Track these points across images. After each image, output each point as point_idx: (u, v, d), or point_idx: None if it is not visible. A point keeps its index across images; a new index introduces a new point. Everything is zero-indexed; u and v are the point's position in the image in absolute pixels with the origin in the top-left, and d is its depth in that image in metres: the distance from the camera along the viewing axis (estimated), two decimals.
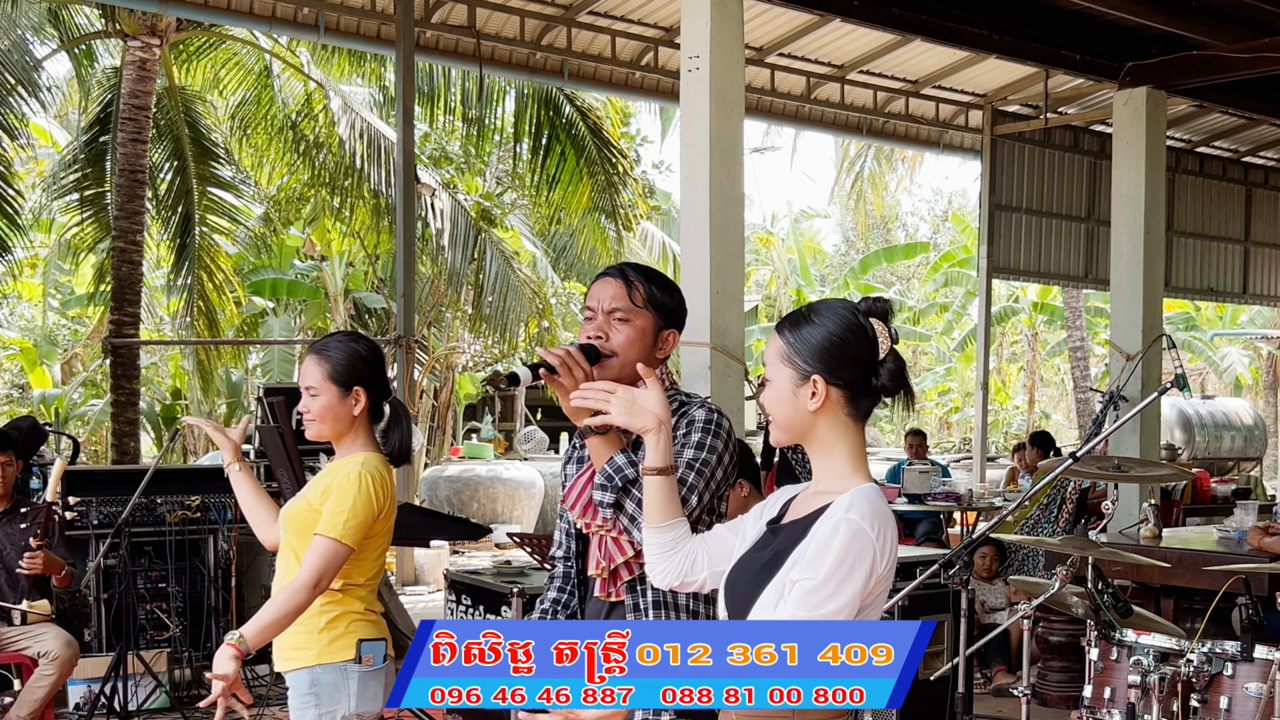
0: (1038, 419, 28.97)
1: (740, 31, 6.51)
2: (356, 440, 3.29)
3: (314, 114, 12.99)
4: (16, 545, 5.63)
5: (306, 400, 3.27)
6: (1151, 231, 9.40)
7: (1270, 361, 28.73)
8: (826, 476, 2.24)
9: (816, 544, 2.11)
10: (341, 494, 3.16)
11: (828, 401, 2.20)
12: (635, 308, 2.80)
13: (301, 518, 3.25)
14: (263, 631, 3.06)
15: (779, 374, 2.23)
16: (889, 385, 2.22)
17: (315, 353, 3.30)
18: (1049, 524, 8.74)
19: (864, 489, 2.17)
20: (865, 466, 2.25)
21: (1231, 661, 4.14)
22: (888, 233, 33.40)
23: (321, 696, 3.21)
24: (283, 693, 6.99)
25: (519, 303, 14.15)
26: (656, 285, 2.85)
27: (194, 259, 12.24)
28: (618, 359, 2.79)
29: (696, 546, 2.42)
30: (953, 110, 12.41)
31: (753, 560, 2.27)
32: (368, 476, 3.19)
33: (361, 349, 3.32)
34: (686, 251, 6.52)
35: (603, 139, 13.01)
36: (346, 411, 3.25)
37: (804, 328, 2.22)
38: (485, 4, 9.43)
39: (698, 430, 2.74)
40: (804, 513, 2.23)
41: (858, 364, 2.20)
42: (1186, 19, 8.57)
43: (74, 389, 18.78)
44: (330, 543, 3.13)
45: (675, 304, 2.87)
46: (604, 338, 2.81)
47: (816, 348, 2.20)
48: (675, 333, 2.86)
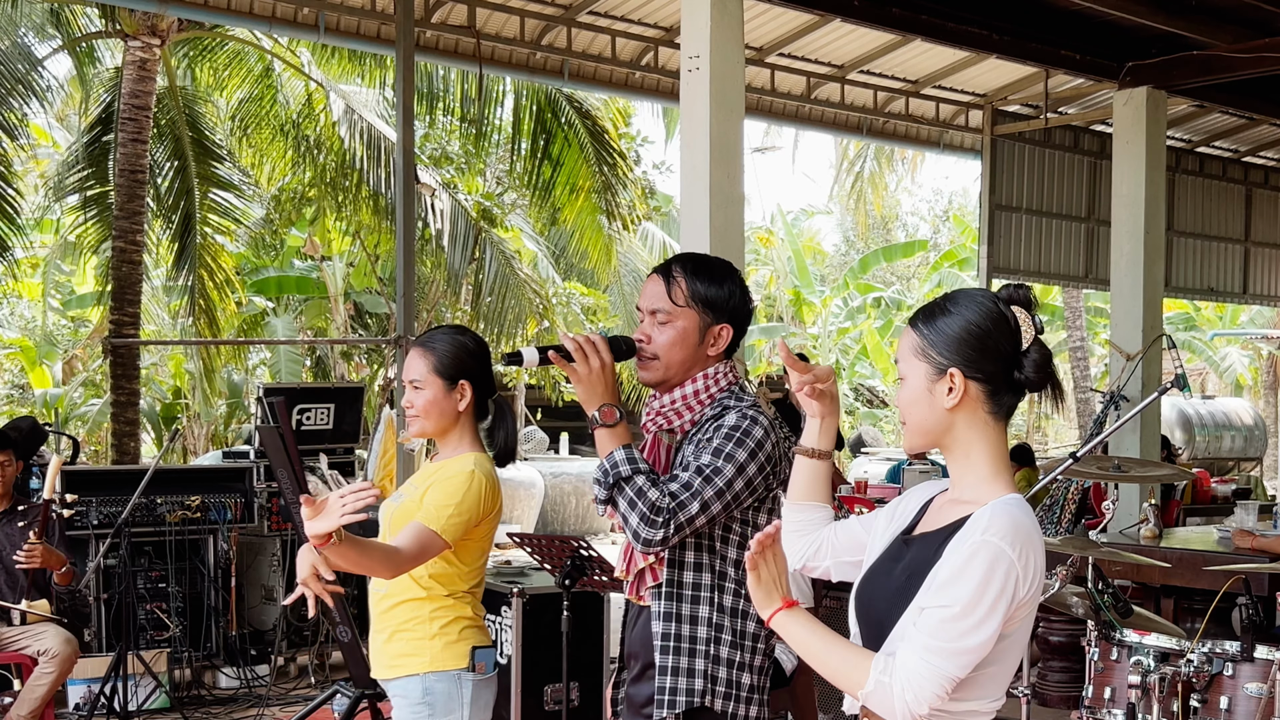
0: (1037, 419, 28.98)
1: (740, 31, 6.51)
2: (464, 439, 3.17)
3: (315, 114, 12.99)
4: (16, 545, 5.62)
5: (410, 394, 3.14)
6: (1151, 231, 9.40)
7: (1270, 361, 28.72)
8: (965, 481, 2.07)
9: (952, 566, 1.94)
10: (450, 489, 3.02)
11: (966, 397, 2.04)
12: (677, 307, 2.73)
13: (409, 516, 3.05)
14: (349, 551, 2.73)
15: (913, 370, 2.07)
16: (1033, 378, 2.05)
17: (420, 345, 3.16)
18: (1051, 525, 8.75)
19: (1006, 501, 1.99)
20: (1008, 471, 2.08)
21: (1232, 661, 4.14)
22: (888, 232, 33.40)
23: (436, 705, 3.05)
24: (284, 693, 7.00)
25: (518, 303, 14.15)
26: (704, 280, 2.75)
27: (195, 258, 12.25)
28: (660, 360, 2.74)
29: (825, 534, 2.35)
30: (953, 110, 12.41)
31: (884, 573, 2.12)
32: (482, 477, 3.07)
33: (468, 341, 3.19)
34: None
35: (602, 140, 13.01)
36: (452, 406, 3.12)
37: (940, 319, 2.06)
38: (485, 4, 9.43)
39: (720, 436, 2.66)
40: (940, 524, 2.07)
41: (999, 356, 2.04)
42: (1186, 19, 8.57)
43: (74, 389, 18.79)
44: (429, 532, 2.95)
45: (726, 297, 2.76)
46: (646, 340, 2.75)
47: (954, 339, 2.04)
48: (728, 327, 2.75)
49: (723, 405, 2.73)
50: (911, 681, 1.93)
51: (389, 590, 3.13)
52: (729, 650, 2.69)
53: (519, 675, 5.31)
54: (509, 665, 5.35)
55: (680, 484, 2.61)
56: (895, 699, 1.94)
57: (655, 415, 2.78)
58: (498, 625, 5.47)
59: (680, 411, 2.74)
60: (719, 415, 2.71)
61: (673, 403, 2.75)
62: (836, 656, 2.02)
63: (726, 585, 2.70)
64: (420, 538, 2.96)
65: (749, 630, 2.72)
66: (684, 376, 2.74)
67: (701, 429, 2.71)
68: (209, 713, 6.87)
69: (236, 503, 7.42)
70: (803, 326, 26.87)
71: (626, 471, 2.59)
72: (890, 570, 2.11)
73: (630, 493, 2.59)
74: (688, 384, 2.74)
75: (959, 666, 1.93)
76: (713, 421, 2.70)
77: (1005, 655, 2.02)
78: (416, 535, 2.96)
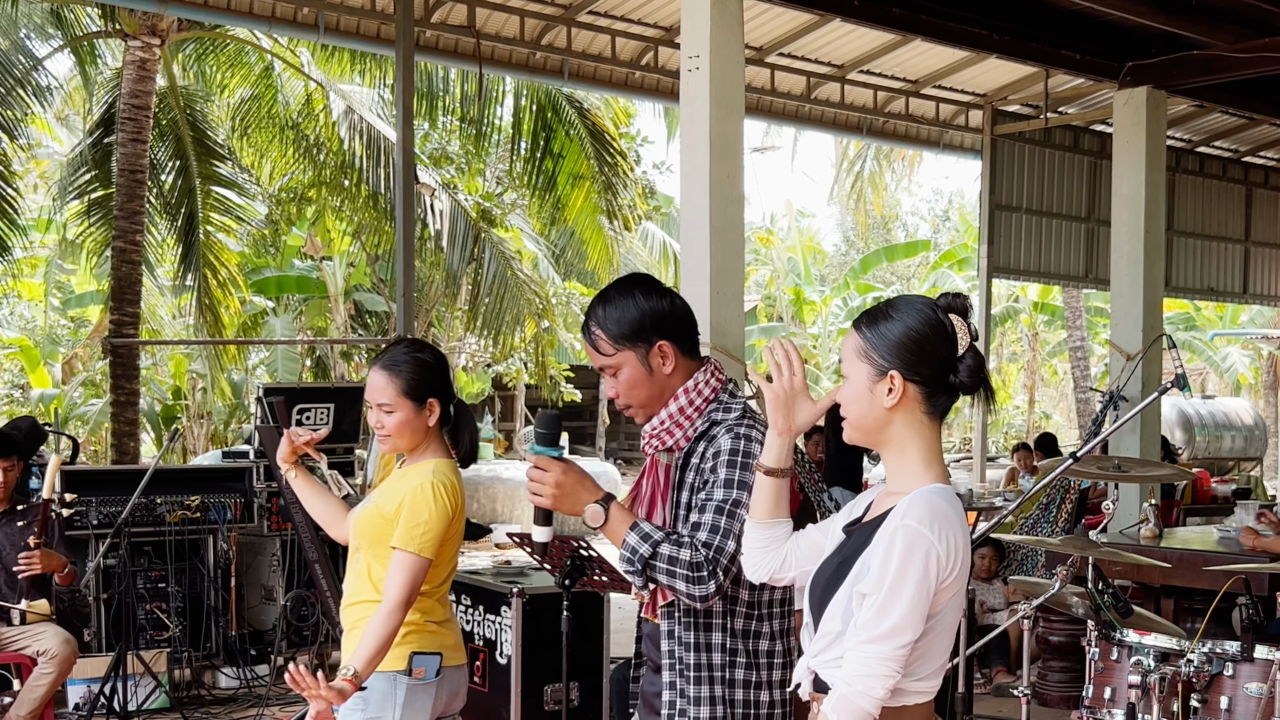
0: (1038, 419, 28.98)
1: (740, 31, 6.51)
2: (429, 447, 3.28)
3: (314, 114, 12.99)
4: (16, 545, 5.62)
5: (379, 416, 3.23)
6: (1151, 231, 9.40)
7: (1270, 361, 28.72)
8: (900, 475, 2.21)
9: (878, 556, 2.08)
10: (416, 507, 3.15)
11: (905, 398, 2.17)
12: (611, 354, 2.71)
13: (373, 526, 3.23)
14: (370, 661, 3.05)
15: (855, 370, 2.20)
16: (967, 382, 2.18)
17: (385, 369, 3.23)
18: (1049, 524, 8.74)
19: (927, 489, 2.13)
20: (939, 465, 2.21)
21: (1232, 661, 4.13)
22: (888, 232, 33.40)
23: (369, 702, 3.17)
24: (283, 692, 7.00)
25: (516, 304, 14.15)
26: (613, 317, 2.69)
27: (199, 257, 12.25)
28: (634, 405, 2.75)
29: (789, 547, 2.42)
30: (953, 110, 12.41)
31: (828, 565, 2.26)
32: (440, 486, 3.18)
33: (429, 359, 3.29)
34: (686, 251, 6.52)
35: (602, 140, 13.01)
36: (422, 424, 3.24)
37: (882, 323, 2.19)
38: (485, 4, 9.43)
39: (724, 465, 2.62)
40: (875, 514, 2.21)
41: (936, 360, 2.17)
42: (1186, 19, 8.56)
43: (74, 389, 18.79)
44: (410, 556, 3.12)
45: (639, 317, 2.70)
46: (616, 396, 2.77)
47: (895, 343, 2.16)
48: (663, 343, 2.71)
49: (710, 419, 2.71)
50: (858, 676, 2.06)
51: (352, 590, 3.28)
52: (744, 672, 2.69)
53: (519, 675, 5.31)
54: (509, 665, 5.35)
55: (706, 530, 2.59)
56: (854, 701, 2.07)
57: (650, 438, 2.78)
58: (498, 625, 5.47)
59: (671, 430, 2.73)
60: (709, 434, 2.69)
61: (662, 424, 2.73)
62: None
63: (738, 610, 2.68)
64: (399, 566, 3.13)
65: (762, 649, 2.71)
66: (664, 401, 2.73)
67: (700, 455, 2.69)
68: (209, 713, 6.86)
69: (236, 503, 7.42)
70: (803, 326, 26.88)
71: (647, 551, 2.57)
72: (832, 560, 2.25)
73: (663, 566, 2.57)
74: (671, 403, 2.72)
75: (895, 647, 2.05)
76: (706, 443, 2.68)
77: (933, 635, 2.12)
78: (396, 565, 3.13)
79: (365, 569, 3.25)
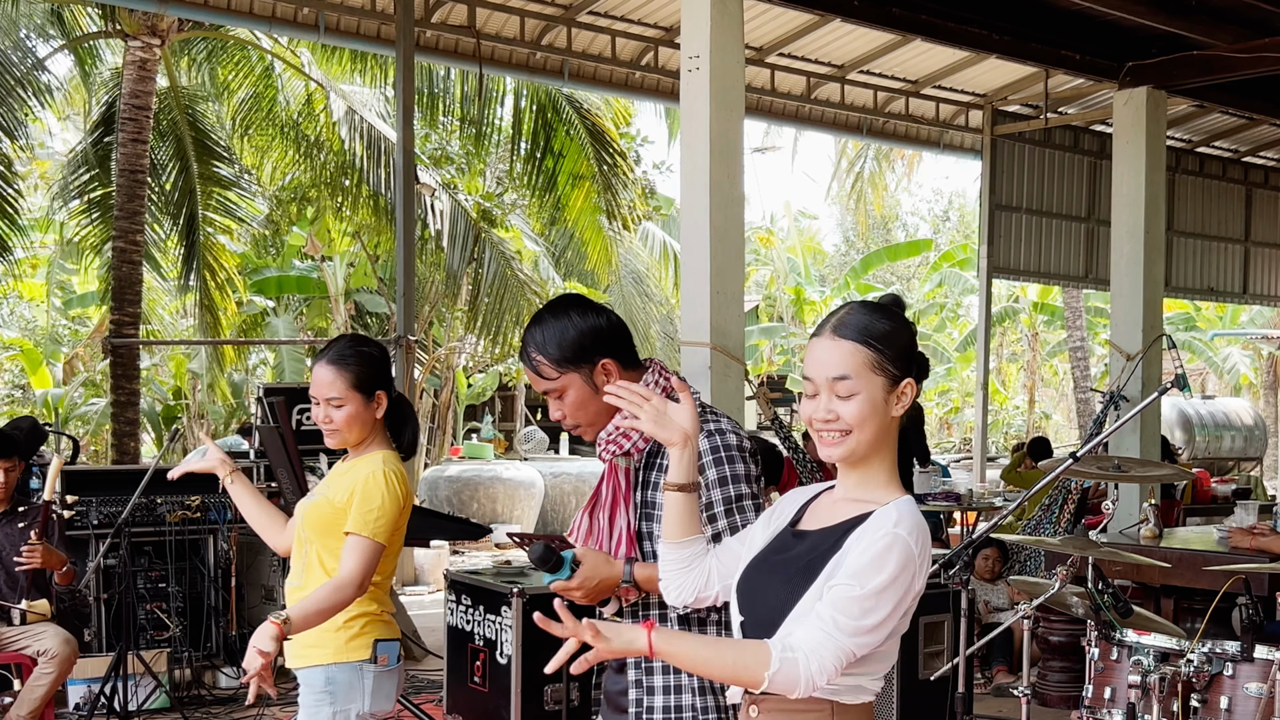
0: (1038, 419, 28.98)
1: (740, 31, 6.51)
2: (375, 440, 3.34)
3: (315, 114, 12.99)
4: (16, 545, 5.62)
5: (327, 411, 3.27)
6: (1151, 231, 9.40)
7: (1270, 361, 28.72)
8: (872, 484, 2.19)
9: (868, 555, 2.07)
10: (368, 493, 3.21)
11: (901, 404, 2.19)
12: (555, 378, 2.68)
13: (322, 514, 3.28)
14: (306, 619, 3.10)
15: (869, 384, 2.14)
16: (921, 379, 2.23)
17: (332, 363, 3.27)
18: (1050, 524, 8.74)
19: (906, 502, 2.15)
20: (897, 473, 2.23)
21: (1232, 661, 4.13)
22: (888, 232, 33.40)
23: (337, 695, 3.25)
24: (284, 692, 7.00)
25: (516, 304, 14.14)
26: (552, 341, 2.65)
27: (200, 258, 12.25)
28: (583, 424, 2.72)
29: (709, 563, 2.39)
30: (953, 110, 12.41)
31: (774, 563, 2.21)
32: (391, 474, 3.26)
33: (374, 351, 3.35)
34: (686, 251, 6.52)
35: (602, 140, 13.01)
36: (371, 416, 3.30)
37: (886, 333, 2.15)
38: (485, 4, 9.43)
39: (711, 466, 2.62)
40: (837, 519, 2.18)
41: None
42: (1186, 19, 8.56)
43: (74, 389, 18.79)
44: (365, 541, 3.18)
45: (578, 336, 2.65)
46: (563, 417, 2.74)
47: (904, 350, 2.17)
48: (605, 360, 2.68)
49: None
50: (815, 652, 2.05)
51: (302, 583, 3.32)
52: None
53: (519, 675, 5.31)
54: (509, 665, 5.35)
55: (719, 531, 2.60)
56: (800, 669, 2.04)
57: (606, 444, 2.73)
58: (498, 625, 5.48)
59: (627, 433, 2.69)
60: None
61: (610, 436, 2.71)
62: (730, 653, 2.11)
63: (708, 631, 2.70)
64: (355, 549, 3.18)
65: None
66: (610, 415, 2.69)
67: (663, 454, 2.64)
68: (209, 713, 6.87)
69: None
70: (803, 326, 26.86)
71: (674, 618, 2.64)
72: (780, 561, 2.20)
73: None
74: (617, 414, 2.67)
75: (858, 645, 2.07)
76: None
77: (893, 639, 2.16)
78: (351, 549, 3.19)
79: (316, 559, 3.30)
